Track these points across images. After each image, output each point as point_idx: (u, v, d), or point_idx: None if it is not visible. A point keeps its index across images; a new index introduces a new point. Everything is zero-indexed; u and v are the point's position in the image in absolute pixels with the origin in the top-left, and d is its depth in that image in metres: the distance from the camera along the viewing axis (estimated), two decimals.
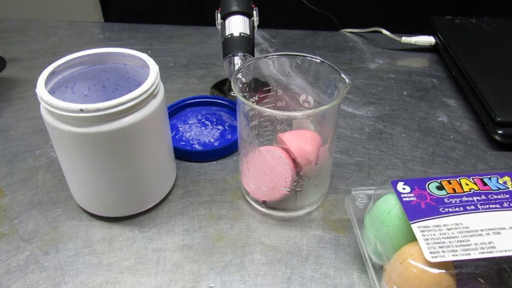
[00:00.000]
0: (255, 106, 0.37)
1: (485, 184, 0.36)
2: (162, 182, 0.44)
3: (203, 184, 0.46)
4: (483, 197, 0.35)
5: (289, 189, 0.40)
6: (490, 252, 0.31)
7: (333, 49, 0.72)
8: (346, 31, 0.77)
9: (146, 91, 0.37)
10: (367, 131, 0.54)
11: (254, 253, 0.39)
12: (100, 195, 0.41)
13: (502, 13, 0.73)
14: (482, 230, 0.32)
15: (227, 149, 0.50)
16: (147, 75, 0.39)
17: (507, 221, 0.33)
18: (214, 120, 0.54)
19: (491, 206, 0.34)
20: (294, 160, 0.39)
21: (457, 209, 0.34)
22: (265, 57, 0.42)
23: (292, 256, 0.39)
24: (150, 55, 0.41)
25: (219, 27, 0.55)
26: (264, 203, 0.42)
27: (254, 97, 0.42)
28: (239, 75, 0.40)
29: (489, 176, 0.36)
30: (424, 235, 0.32)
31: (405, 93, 0.61)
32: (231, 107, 0.56)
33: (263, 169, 0.41)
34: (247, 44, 0.52)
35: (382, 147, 0.51)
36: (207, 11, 0.61)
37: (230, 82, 0.58)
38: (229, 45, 0.52)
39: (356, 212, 0.39)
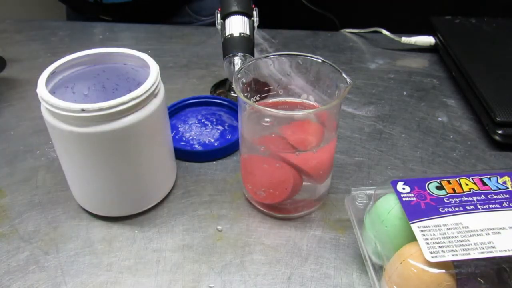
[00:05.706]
0: (256, 105, 0.38)
1: (484, 184, 0.36)
2: (162, 182, 0.44)
3: (203, 184, 0.46)
4: (483, 197, 0.35)
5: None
6: (490, 252, 0.31)
7: (333, 49, 0.72)
8: (346, 31, 0.77)
9: (147, 90, 0.37)
10: (367, 131, 0.54)
11: (254, 253, 0.39)
12: (100, 195, 0.41)
13: (502, 13, 0.73)
14: (481, 230, 0.32)
15: (227, 149, 0.50)
16: (147, 75, 0.39)
17: (507, 221, 0.33)
18: (214, 120, 0.54)
19: (490, 206, 0.34)
20: (295, 167, 0.39)
21: (456, 209, 0.34)
22: (265, 57, 0.42)
23: (292, 256, 0.39)
24: (150, 55, 0.41)
25: (219, 27, 0.55)
26: (264, 203, 0.42)
27: (255, 96, 0.42)
28: (239, 75, 0.40)
29: (488, 176, 0.36)
30: (424, 235, 0.32)
31: (405, 93, 0.61)
32: (231, 107, 0.56)
33: (263, 173, 0.41)
34: (247, 44, 0.52)
35: (382, 147, 0.51)
36: None
37: (230, 82, 0.58)
38: (229, 45, 0.52)
39: (356, 212, 0.39)
